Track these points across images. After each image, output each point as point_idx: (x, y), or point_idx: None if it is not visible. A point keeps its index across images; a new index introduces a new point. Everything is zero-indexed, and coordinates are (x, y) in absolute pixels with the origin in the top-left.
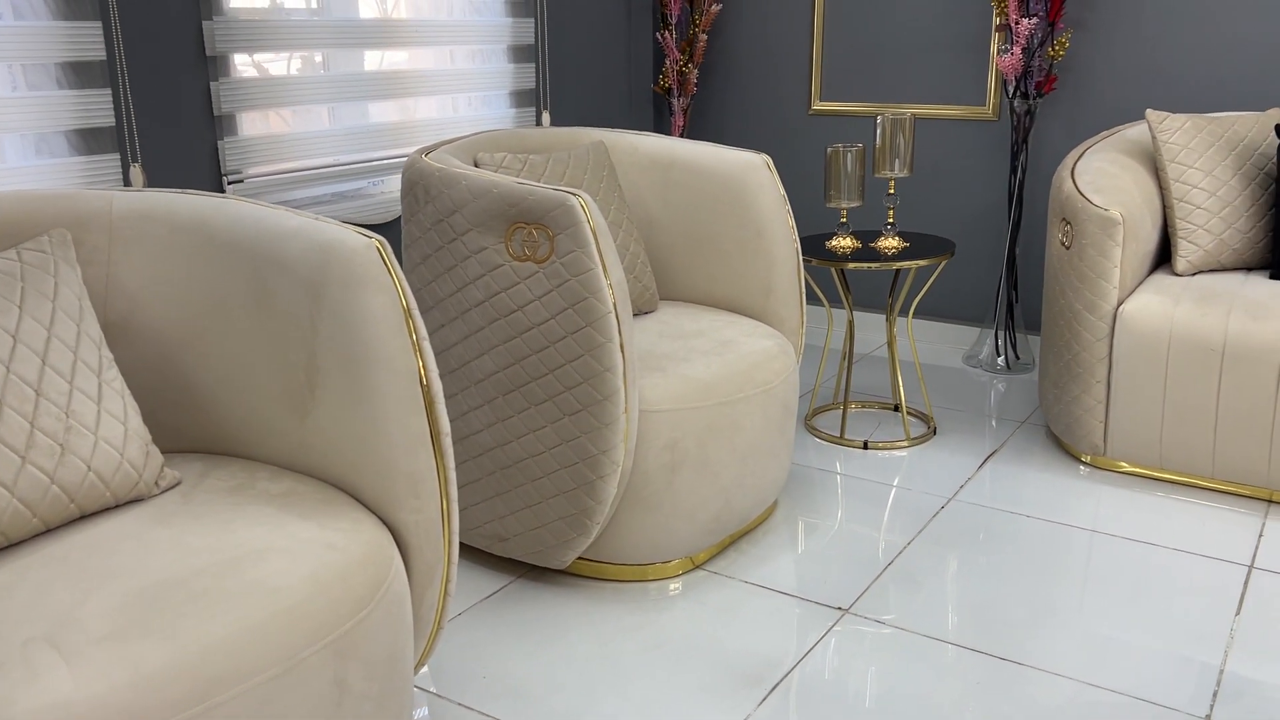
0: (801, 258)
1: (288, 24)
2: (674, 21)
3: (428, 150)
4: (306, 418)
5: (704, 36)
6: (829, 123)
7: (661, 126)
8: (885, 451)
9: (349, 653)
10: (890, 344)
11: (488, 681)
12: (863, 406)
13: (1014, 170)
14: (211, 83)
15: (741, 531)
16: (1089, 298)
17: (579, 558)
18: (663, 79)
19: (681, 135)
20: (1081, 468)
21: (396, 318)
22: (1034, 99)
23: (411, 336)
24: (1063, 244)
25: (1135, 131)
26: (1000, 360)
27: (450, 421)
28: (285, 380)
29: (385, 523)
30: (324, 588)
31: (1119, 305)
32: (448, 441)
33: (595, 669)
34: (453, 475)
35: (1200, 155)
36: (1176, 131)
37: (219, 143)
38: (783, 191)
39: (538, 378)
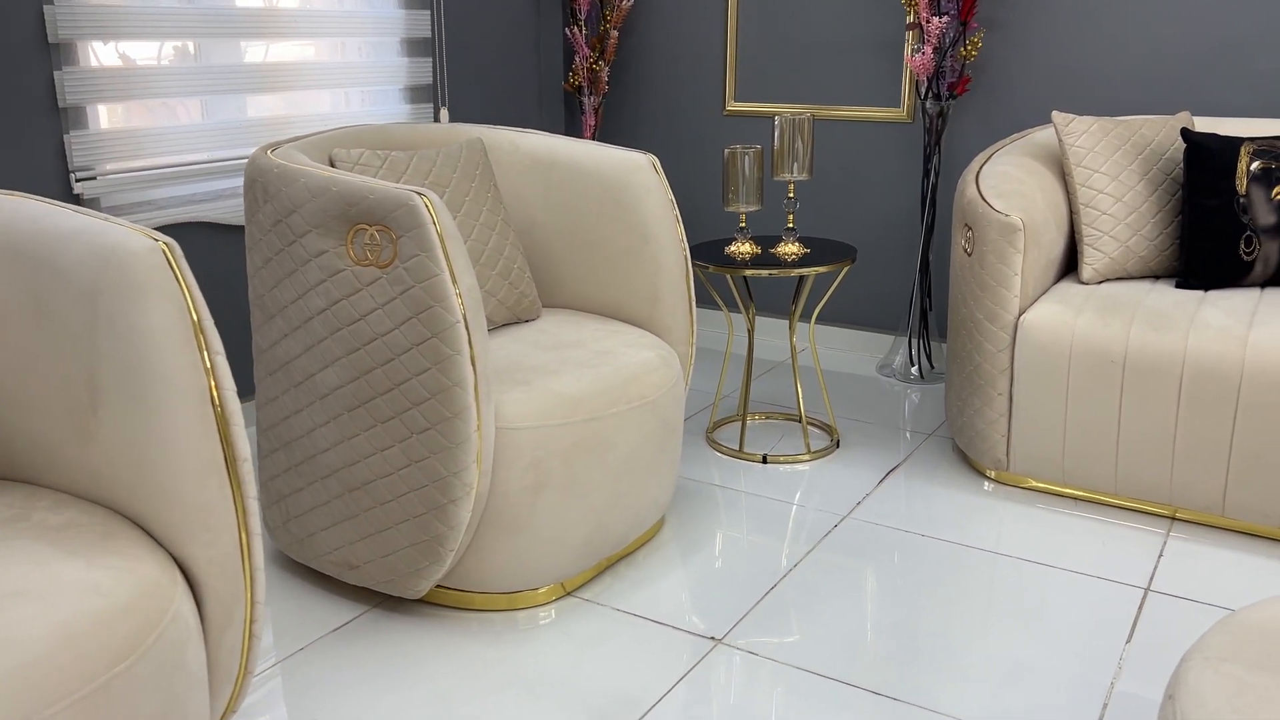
0: (691, 264)
1: (147, 11)
2: (583, 17)
3: (275, 146)
4: (91, 440)
5: (615, 33)
6: (744, 124)
7: (574, 125)
8: (785, 466)
9: (100, 712)
10: (792, 353)
11: (320, 717)
12: (766, 418)
13: (927, 173)
14: (56, 72)
15: (622, 553)
16: (990, 306)
17: (440, 586)
18: (573, 77)
19: (594, 135)
20: (986, 484)
21: (184, 330)
22: (946, 100)
23: (202, 351)
24: (965, 250)
25: (1045, 134)
26: (914, 370)
27: (295, 440)
28: (67, 398)
29: (175, 558)
30: (74, 639)
31: (1020, 315)
32: (246, 468)
33: (438, 709)
34: (253, 505)
35: (1107, 159)
36: (1083, 134)
37: (65, 137)
38: (670, 195)
39: (383, 393)
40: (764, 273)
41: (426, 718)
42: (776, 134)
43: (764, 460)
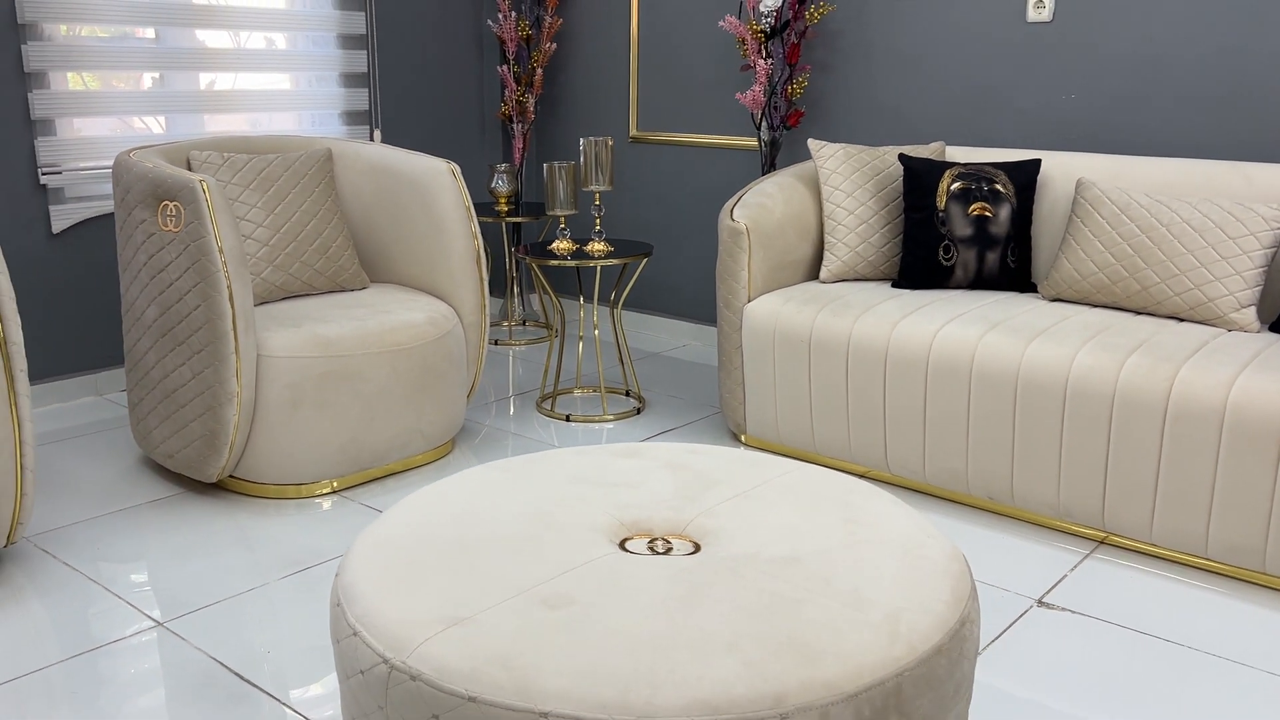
0: (481, 252)
1: (113, 49)
2: (512, 57)
3: (142, 148)
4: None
5: (540, 71)
6: (645, 149)
7: (508, 149)
8: (587, 424)
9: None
10: (594, 331)
11: (99, 550)
12: (594, 391)
13: None
14: (28, 93)
15: (396, 468)
16: (726, 295)
17: (234, 476)
18: (504, 107)
19: (522, 157)
20: (741, 447)
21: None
22: (779, 130)
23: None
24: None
25: None
26: None
27: (139, 361)
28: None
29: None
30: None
31: (748, 303)
32: (16, 349)
33: (184, 550)
34: (20, 375)
35: (846, 179)
36: (830, 158)
37: (34, 142)
38: (465, 194)
39: (178, 323)
40: (571, 263)
41: (167, 555)
42: (582, 154)
43: (568, 419)
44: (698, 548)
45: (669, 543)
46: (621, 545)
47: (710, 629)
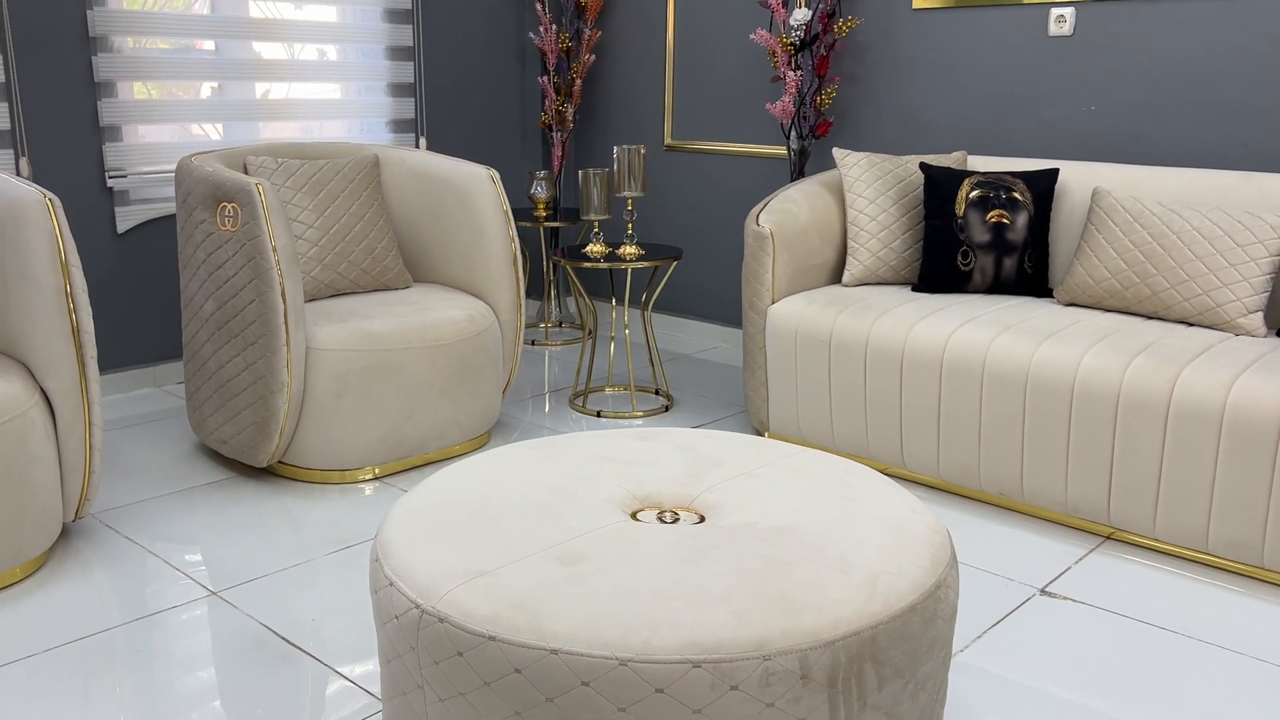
0: (518, 254)
1: (174, 60)
2: (552, 68)
3: (202, 153)
4: (7, 314)
5: (579, 82)
6: (678, 157)
7: (547, 156)
8: (617, 420)
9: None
10: (625, 332)
11: (157, 527)
12: (624, 389)
13: None
14: (97, 101)
15: (435, 458)
16: (750, 297)
17: (283, 462)
18: (544, 116)
19: (561, 165)
20: None
21: (50, 249)
22: (808, 139)
23: (62, 261)
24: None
25: None
26: None
27: (196, 353)
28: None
29: (42, 389)
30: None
31: (772, 304)
32: (87, 338)
33: (236, 529)
34: (91, 361)
35: (869, 186)
36: (854, 166)
37: (102, 147)
38: (503, 199)
39: (233, 316)
40: (604, 265)
41: (228, 531)
42: (615, 161)
43: (598, 415)
44: (703, 519)
45: (676, 514)
46: (633, 516)
47: (706, 585)
